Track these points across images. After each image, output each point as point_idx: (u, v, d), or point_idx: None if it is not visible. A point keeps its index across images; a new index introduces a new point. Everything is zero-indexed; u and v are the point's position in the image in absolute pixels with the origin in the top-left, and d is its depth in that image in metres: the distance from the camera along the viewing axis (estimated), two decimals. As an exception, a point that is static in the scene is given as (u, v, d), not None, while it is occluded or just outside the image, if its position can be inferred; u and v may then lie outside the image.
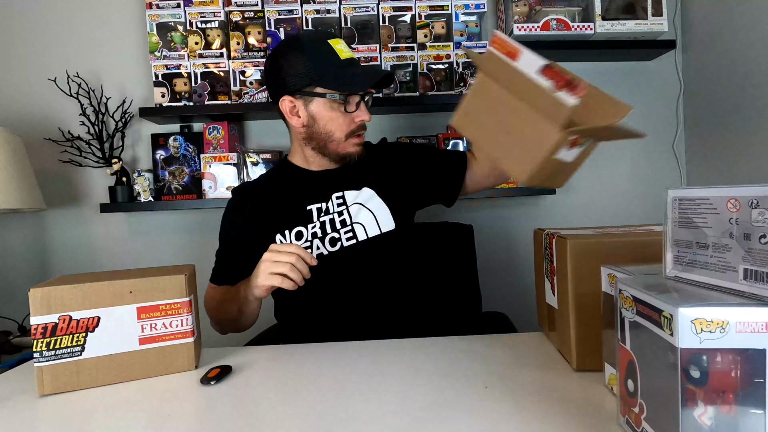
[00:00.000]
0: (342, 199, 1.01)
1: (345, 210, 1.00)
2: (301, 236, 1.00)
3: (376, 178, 1.04)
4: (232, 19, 1.60)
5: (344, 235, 0.99)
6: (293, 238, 0.99)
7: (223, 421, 0.57)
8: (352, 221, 0.99)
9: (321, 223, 1.00)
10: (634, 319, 0.46)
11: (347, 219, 1.00)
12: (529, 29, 1.57)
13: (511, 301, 1.39)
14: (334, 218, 1.00)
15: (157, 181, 1.65)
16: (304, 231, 1.00)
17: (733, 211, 0.43)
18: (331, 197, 1.02)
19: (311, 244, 0.99)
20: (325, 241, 0.99)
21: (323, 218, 1.00)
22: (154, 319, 0.72)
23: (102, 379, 0.70)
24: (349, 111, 0.96)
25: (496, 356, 0.74)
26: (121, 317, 0.70)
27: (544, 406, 0.57)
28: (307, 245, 0.99)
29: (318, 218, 1.00)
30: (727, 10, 1.52)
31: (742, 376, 0.38)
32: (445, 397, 0.60)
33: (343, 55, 0.95)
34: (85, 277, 0.73)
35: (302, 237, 1.00)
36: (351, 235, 0.99)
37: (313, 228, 1.00)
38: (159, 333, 0.72)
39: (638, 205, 1.78)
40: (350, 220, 1.00)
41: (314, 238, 0.99)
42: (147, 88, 1.71)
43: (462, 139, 1.68)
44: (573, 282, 0.65)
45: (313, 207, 1.01)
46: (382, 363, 0.73)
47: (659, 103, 1.78)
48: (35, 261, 1.74)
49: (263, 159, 1.62)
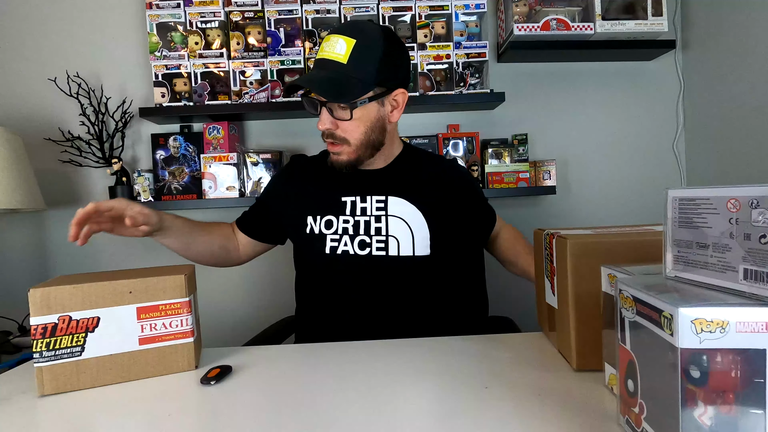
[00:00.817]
0: (383, 203, 0.96)
1: (384, 217, 0.95)
2: (330, 225, 0.97)
3: (427, 197, 0.98)
4: (232, 19, 1.60)
5: (376, 243, 0.94)
6: (323, 226, 0.97)
7: (223, 421, 0.57)
8: (388, 233, 0.94)
9: (356, 221, 0.96)
10: (634, 319, 0.46)
11: (383, 228, 0.95)
12: (529, 29, 1.57)
13: (514, 304, 1.39)
14: (370, 221, 0.95)
15: (157, 181, 1.65)
16: (334, 221, 0.97)
17: (733, 211, 0.42)
18: (371, 198, 0.97)
19: (340, 239, 0.96)
20: (354, 241, 0.95)
21: (359, 218, 0.96)
22: (154, 319, 0.72)
23: (102, 380, 0.70)
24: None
25: (496, 356, 0.74)
26: (121, 317, 0.70)
27: (544, 406, 0.57)
28: (336, 238, 0.96)
29: (352, 214, 0.97)
30: (727, 10, 1.53)
31: (742, 376, 0.38)
32: (445, 397, 0.60)
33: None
34: (85, 278, 0.73)
35: (332, 227, 0.97)
36: (383, 246, 0.94)
37: (346, 223, 0.96)
38: (159, 333, 0.72)
39: (638, 205, 1.78)
40: (386, 230, 0.94)
41: (344, 233, 0.96)
42: (147, 88, 1.71)
43: (462, 139, 1.68)
44: (573, 282, 0.65)
45: (347, 199, 0.98)
46: (382, 363, 0.73)
47: (659, 103, 1.78)
48: (35, 261, 1.74)
49: (263, 159, 1.62)
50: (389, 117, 0.95)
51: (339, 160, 0.95)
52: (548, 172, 1.65)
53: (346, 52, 0.86)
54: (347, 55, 0.86)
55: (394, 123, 0.98)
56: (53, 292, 0.67)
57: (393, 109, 0.95)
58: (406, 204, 0.96)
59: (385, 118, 0.94)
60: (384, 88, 0.91)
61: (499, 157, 1.67)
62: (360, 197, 0.97)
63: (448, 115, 1.76)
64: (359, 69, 0.87)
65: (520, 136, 1.70)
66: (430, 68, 1.62)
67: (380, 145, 0.96)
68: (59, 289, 0.67)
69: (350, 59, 0.86)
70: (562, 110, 1.78)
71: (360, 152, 0.94)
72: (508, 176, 1.63)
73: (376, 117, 0.92)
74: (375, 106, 0.91)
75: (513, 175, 1.63)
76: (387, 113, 0.94)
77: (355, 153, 0.94)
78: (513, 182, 1.63)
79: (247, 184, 1.62)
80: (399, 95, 0.94)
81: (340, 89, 0.87)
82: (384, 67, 0.89)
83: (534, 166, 1.66)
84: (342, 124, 0.91)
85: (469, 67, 1.63)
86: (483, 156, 1.68)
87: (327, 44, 0.88)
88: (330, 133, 0.92)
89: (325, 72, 0.87)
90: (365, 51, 0.87)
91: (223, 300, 1.77)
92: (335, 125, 0.91)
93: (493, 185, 1.63)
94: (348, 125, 0.91)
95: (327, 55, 0.88)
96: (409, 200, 0.97)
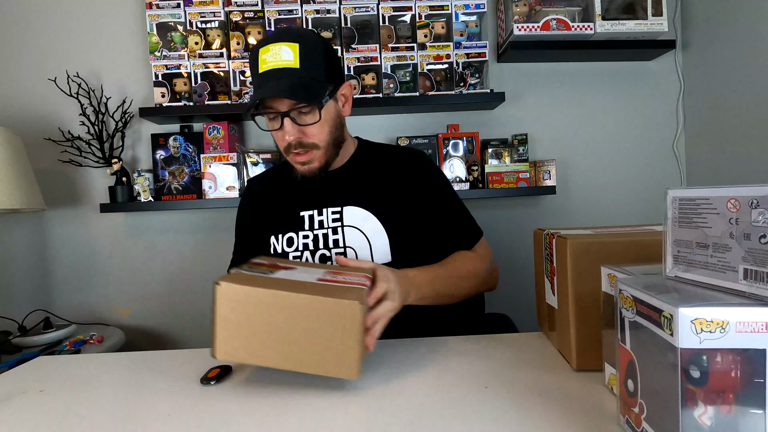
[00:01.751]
0: (339, 214, 0.95)
1: (340, 228, 0.94)
2: (292, 243, 0.97)
3: (384, 201, 0.95)
4: (232, 19, 1.60)
5: (335, 256, 0.93)
6: (285, 245, 0.97)
7: (223, 421, 0.57)
8: (345, 244, 0.94)
9: (314, 235, 0.95)
10: (634, 319, 0.46)
11: (340, 240, 0.94)
12: (529, 29, 1.57)
13: (511, 301, 1.39)
14: (327, 234, 0.95)
15: (157, 181, 1.65)
16: (294, 238, 0.97)
17: (733, 211, 0.42)
18: (327, 210, 0.96)
19: (301, 256, 0.95)
20: (315, 256, 0.95)
21: (317, 231, 0.95)
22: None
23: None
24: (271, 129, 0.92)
25: (496, 356, 0.74)
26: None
27: (544, 406, 0.57)
28: (297, 255, 0.95)
29: (311, 228, 0.96)
30: (727, 10, 1.52)
31: (742, 376, 0.38)
32: (445, 397, 0.60)
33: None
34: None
35: (293, 244, 0.96)
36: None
37: (306, 239, 0.96)
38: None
39: (638, 205, 1.78)
40: (343, 241, 0.94)
41: (305, 249, 0.95)
42: (147, 88, 1.71)
43: (462, 139, 1.68)
44: (573, 282, 0.65)
45: (305, 214, 0.97)
46: (381, 362, 0.73)
47: (659, 103, 1.78)
48: (35, 261, 1.74)
49: (263, 159, 1.62)
50: (343, 111, 0.96)
51: (311, 168, 0.93)
52: (548, 172, 1.65)
53: (296, 57, 0.85)
54: (297, 59, 0.85)
55: (345, 117, 0.99)
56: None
57: (344, 103, 0.96)
58: (361, 212, 0.95)
59: (341, 114, 0.96)
60: (333, 84, 0.91)
61: (499, 157, 1.67)
62: (317, 210, 0.97)
63: (448, 115, 1.76)
64: (312, 70, 0.87)
65: (520, 136, 1.70)
66: (430, 68, 1.62)
67: (342, 141, 0.98)
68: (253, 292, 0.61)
69: (302, 62, 0.85)
70: (562, 110, 1.78)
71: (329, 154, 0.94)
72: (508, 176, 1.63)
73: (335, 114, 0.93)
74: (332, 104, 0.92)
75: (513, 175, 1.63)
76: (340, 108, 0.96)
77: (324, 156, 0.93)
78: (513, 182, 1.63)
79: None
80: (345, 88, 0.95)
81: (308, 92, 0.86)
82: (329, 64, 0.90)
83: (534, 166, 1.66)
84: (308, 130, 0.89)
85: (469, 67, 1.63)
86: (483, 156, 1.68)
87: (269, 55, 0.86)
88: (298, 142, 0.89)
89: (285, 80, 0.85)
90: (311, 52, 0.87)
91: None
92: (302, 132, 0.90)
93: (493, 185, 1.63)
94: (314, 129, 0.89)
95: (276, 64, 0.85)
96: (366, 207, 0.95)
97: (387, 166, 1.01)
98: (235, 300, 0.61)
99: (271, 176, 1.09)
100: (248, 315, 0.61)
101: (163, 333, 1.77)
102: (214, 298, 0.61)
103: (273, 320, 0.61)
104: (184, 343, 1.76)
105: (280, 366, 0.62)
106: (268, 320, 0.61)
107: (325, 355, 0.61)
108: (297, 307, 0.60)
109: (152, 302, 1.76)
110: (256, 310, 0.61)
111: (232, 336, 0.61)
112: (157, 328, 1.77)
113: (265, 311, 0.61)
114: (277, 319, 0.61)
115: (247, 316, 0.61)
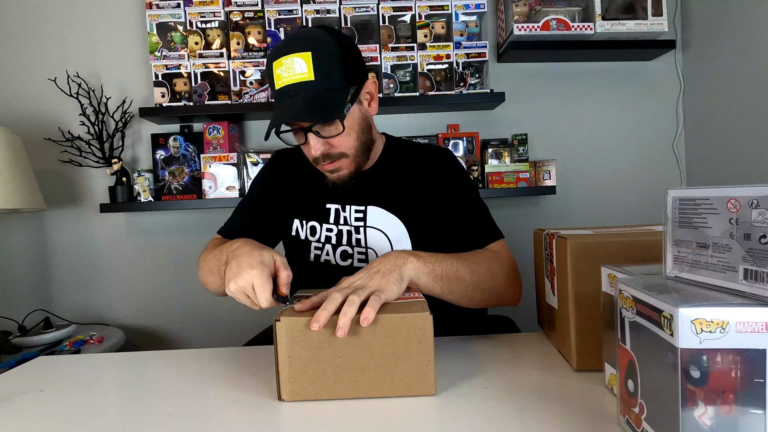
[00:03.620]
0: (363, 214, 0.94)
1: (363, 228, 0.93)
2: (314, 232, 0.96)
3: (409, 204, 0.93)
4: (232, 19, 1.60)
5: (357, 255, 0.93)
6: (308, 232, 0.96)
7: (222, 421, 0.57)
8: (367, 245, 0.93)
9: (339, 230, 0.94)
10: (634, 319, 0.46)
11: (362, 240, 0.93)
12: (529, 29, 1.57)
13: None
14: (351, 231, 0.94)
15: (157, 181, 1.65)
16: (317, 228, 0.96)
17: (733, 211, 0.42)
18: (350, 207, 0.94)
19: (322, 248, 0.95)
20: (337, 251, 0.94)
21: (342, 227, 0.94)
22: None
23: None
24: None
25: (496, 356, 0.74)
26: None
27: (544, 406, 0.57)
28: (319, 246, 0.95)
29: (336, 222, 0.95)
30: (727, 10, 1.52)
31: (742, 376, 0.38)
32: (444, 397, 0.60)
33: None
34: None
35: (315, 234, 0.96)
36: (363, 257, 0.93)
37: (329, 231, 0.95)
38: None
39: (638, 205, 1.78)
40: (365, 242, 0.93)
41: (327, 242, 0.95)
42: (147, 88, 1.71)
43: (462, 139, 1.68)
44: (573, 282, 0.65)
45: (332, 207, 0.95)
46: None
47: (659, 103, 1.78)
48: (35, 261, 1.74)
49: (263, 159, 1.62)
50: (368, 111, 0.92)
51: (341, 176, 0.90)
52: (548, 172, 1.65)
53: (309, 69, 0.80)
54: (311, 70, 0.80)
55: (373, 115, 0.94)
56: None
57: (369, 102, 0.91)
58: (385, 214, 0.93)
59: (367, 115, 0.91)
60: (355, 86, 0.87)
61: (499, 157, 1.67)
62: (342, 206, 0.95)
63: (448, 115, 1.76)
64: (329, 78, 0.82)
65: (520, 136, 1.70)
66: (430, 68, 1.62)
67: (372, 144, 0.93)
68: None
69: (316, 73, 0.80)
70: (562, 110, 1.78)
71: (358, 159, 0.90)
72: (508, 176, 1.63)
73: (360, 118, 0.89)
74: (356, 108, 0.88)
75: (513, 175, 1.63)
76: (366, 109, 0.91)
77: (354, 163, 0.90)
78: (513, 182, 1.63)
79: (247, 184, 1.61)
80: (369, 85, 0.90)
81: (326, 107, 0.81)
82: (348, 65, 0.84)
83: (534, 166, 1.66)
84: (333, 141, 0.86)
85: (469, 67, 1.63)
86: (483, 156, 1.68)
87: (282, 69, 0.81)
88: (325, 154, 0.86)
89: (301, 97, 0.81)
90: (326, 58, 0.81)
91: (223, 300, 1.77)
92: (327, 144, 0.86)
93: (493, 185, 1.63)
94: (339, 139, 0.85)
95: (290, 80, 0.81)
96: (390, 209, 0.93)
97: (413, 167, 0.98)
98: (298, 334, 0.59)
99: (299, 155, 1.00)
100: (315, 348, 0.59)
101: (163, 333, 1.77)
102: (275, 336, 0.58)
103: (342, 349, 0.59)
104: (184, 343, 1.76)
105: (355, 395, 0.60)
106: (336, 350, 0.59)
107: (401, 374, 0.59)
108: (367, 328, 0.59)
109: (152, 302, 1.76)
110: (322, 341, 0.59)
111: (299, 373, 0.59)
112: (157, 328, 1.77)
113: (333, 341, 0.58)
114: (346, 347, 0.59)
115: (314, 349, 0.59)
